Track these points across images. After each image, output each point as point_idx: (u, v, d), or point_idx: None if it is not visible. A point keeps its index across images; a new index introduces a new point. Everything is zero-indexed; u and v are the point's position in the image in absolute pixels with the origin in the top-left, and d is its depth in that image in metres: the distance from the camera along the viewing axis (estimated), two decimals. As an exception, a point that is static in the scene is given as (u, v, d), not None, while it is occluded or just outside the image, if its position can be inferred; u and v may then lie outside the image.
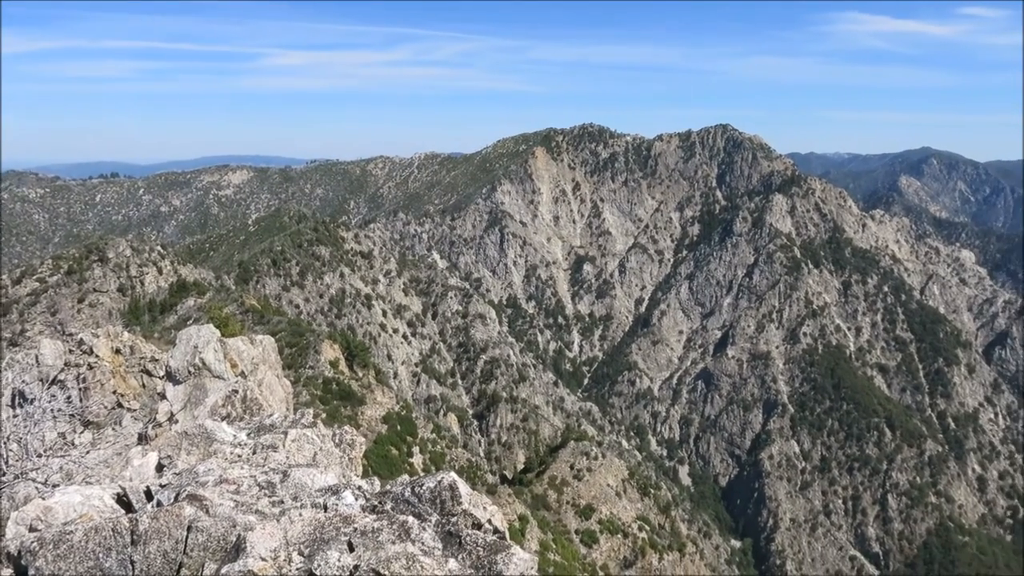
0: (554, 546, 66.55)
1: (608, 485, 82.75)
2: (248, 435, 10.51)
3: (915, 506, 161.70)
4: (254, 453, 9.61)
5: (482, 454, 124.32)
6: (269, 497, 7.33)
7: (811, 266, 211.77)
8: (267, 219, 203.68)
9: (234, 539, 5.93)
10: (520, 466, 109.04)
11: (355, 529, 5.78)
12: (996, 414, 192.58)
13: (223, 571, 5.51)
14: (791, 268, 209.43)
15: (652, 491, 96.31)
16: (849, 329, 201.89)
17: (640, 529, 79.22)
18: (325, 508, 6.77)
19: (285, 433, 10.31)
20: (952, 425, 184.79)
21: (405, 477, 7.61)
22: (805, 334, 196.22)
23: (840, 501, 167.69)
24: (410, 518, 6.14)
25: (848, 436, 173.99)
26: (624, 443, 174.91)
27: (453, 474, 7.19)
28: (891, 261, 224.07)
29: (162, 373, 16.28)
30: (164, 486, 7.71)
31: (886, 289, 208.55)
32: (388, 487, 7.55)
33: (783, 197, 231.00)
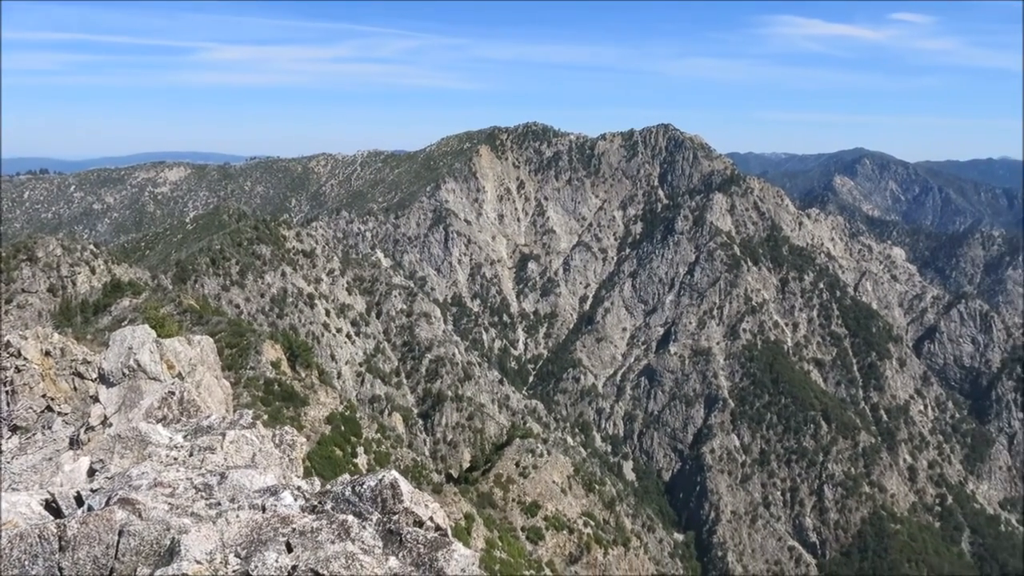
0: (500, 543, 66.67)
1: (553, 482, 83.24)
2: (185, 437, 10.29)
3: (850, 496, 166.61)
4: (191, 455, 9.41)
5: (427, 453, 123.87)
6: (206, 499, 7.19)
7: (750, 264, 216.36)
8: (205, 217, 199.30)
9: (168, 542, 5.81)
10: (466, 464, 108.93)
11: (293, 529, 5.72)
12: (925, 406, 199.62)
13: (157, 575, 5.40)
14: (731, 266, 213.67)
15: (597, 487, 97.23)
16: (787, 325, 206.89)
17: (585, 525, 79.89)
18: (263, 509, 6.67)
19: (223, 435, 10.11)
20: (884, 417, 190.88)
21: (346, 476, 7.54)
22: (745, 330, 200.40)
23: (779, 493, 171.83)
24: (350, 517, 6.10)
25: (786, 429, 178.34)
26: (569, 440, 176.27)
27: (394, 472, 7.16)
28: (826, 258, 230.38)
29: (95, 376, 15.82)
30: (95, 491, 7.49)
31: (822, 286, 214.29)
32: (328, 487, 7.48)
33: (723, 196, 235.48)
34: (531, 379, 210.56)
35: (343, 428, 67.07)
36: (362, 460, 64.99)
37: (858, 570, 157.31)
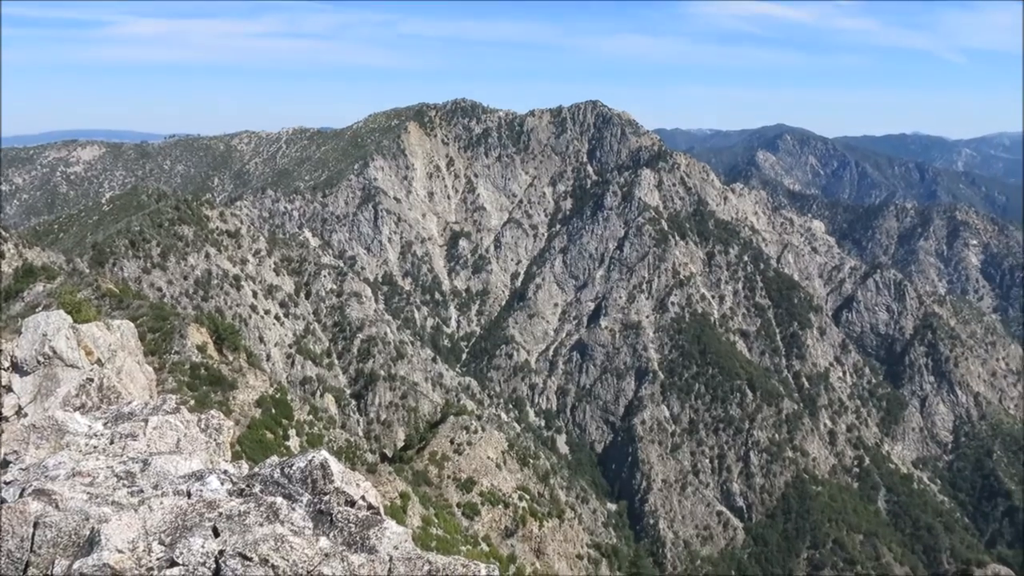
0: (436, 520, 66.94)
1: (488, 458, 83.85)
2: (105, 425, 9.96)
3: (774, 461, 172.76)
4: (111, 443, 9.12)
5: (361, 433, 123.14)
6: (128, 487, 6.99)
7: (678, 238, 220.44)
8: (123, 198, 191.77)
9: (88, 533, 5.62)
10: (400, 443, 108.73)
11: (220, 514, 5.60)
12: (844, 372, 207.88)
13: (75, 566, 5.23)
14: (659, 240, 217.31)
15: (531, 461, 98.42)
16: (713, 297, 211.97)
17: (520, 499, 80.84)
18: (188, 495, 6.52)
19: (145, 421, 9.83)
20: (806, 384, 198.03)
21: (274, 459, 7.43)
22: (673, 303, 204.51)
23: (707, 460, 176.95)
24: (279, 499, 6.01)
25: (714, 399, 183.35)
26: (503, 416, 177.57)
27: (324, 452, 7.09)
28: (750, 232, 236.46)
29: (7, 364, 15.14)
30: (8, 483, 7.20)
31: (746, 259, 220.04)
32: (257, 470, 7.35)
33: (651, 172, 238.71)
34: (464, 356, 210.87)
35: (274, 411, 66.01)
36: (294, 443, 64.17)
37: (782, 531, 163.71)
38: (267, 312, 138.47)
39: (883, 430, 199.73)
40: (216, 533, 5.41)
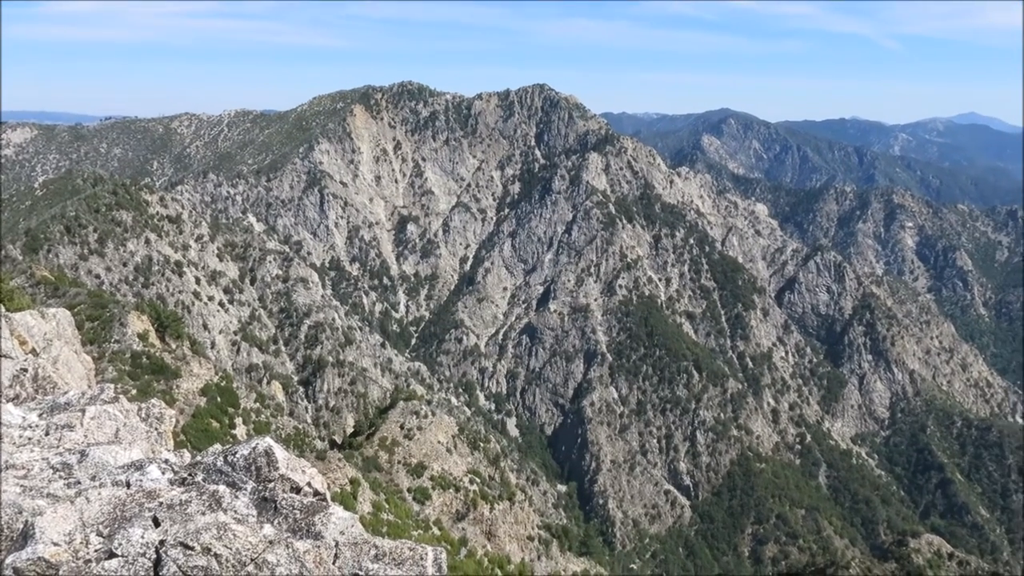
0: (387, 506, 66.75)
1: (439, 442, 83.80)
2: (40, 416, 9.66)
3: (720, 440, 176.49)
4: (47, 434, 8.86)
5: (310, 420, 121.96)
6: (64, 479, 6.81)
7: (625, 221, 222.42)
8: (57, 182, 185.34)
9: (21, 526, 5.46)
10: (350, 430, 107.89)
11: (160, 503, 5.50)
12: (786, 352, 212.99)
13: (9, 561, 5.08)
14: (607, 224, 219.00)
15: (482, 444, 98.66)
16: (660, 280, 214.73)
17: (471, 482, 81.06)
18: (128, 485, 6.38)
19: (83, 411, 9.57)
20: (750, 364, 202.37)
21: (217, 446, 7.30)
22: (621, 286, 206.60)
23: (655, 440, 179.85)
24: (221, 487, 5.92)
25: (661, 380, 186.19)
26: (453, 400, 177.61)
27: (268, 439, 7.00)
28: (696, 215, 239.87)
29: (-66, 355, 14.56)
30: (-63, 477, 6.94)
31: (692, 241, 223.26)
32: (199, 458, 7.23)
33: (598, 156, 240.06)
34: (414, 341, 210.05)
35: (219, 399, 64.94)
36: (241, 431, 63.26)
37: (728, 508, 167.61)
38: (211, 299, 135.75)
39: (823, 408, 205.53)
40: (156, 523, 5.31)
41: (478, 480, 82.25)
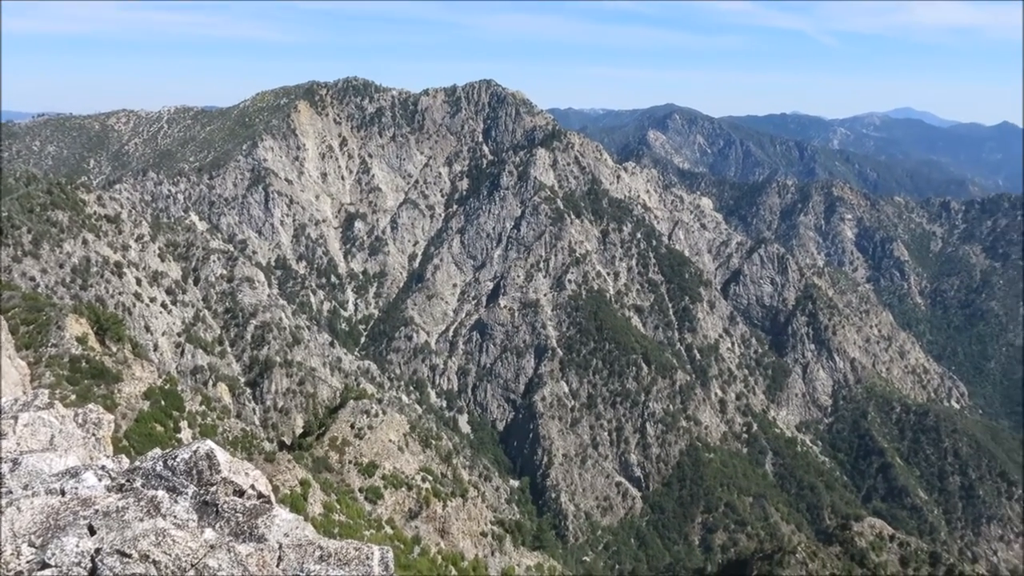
0: (338, 506, 66.07)
1: (390, 441, 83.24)
2: (-31, 424, 9.31)
3: (669, 431, 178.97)
4: (-23, 443, 8.54)
5: (258, 422, 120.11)
6: (-5, 489, 6.57)
7: (573, 216, 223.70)
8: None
9: (-53, 539, 5.25)
10: (299, 431, 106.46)
11: (96, 511, 5.35)
12: (733, 343, 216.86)
13: (-66, 575, 4.89)
14: (555, 219, 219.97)
15: (433, 442, 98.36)
16: (608, 274, 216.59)
17: (423, 480, 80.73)
18: (62, 493, 6.19)
19: (15, 418, 9.26)
20: (698, 356, 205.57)
21: (157, 451, 7.13)
22: (570, 281, 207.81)
23: (606, 433, 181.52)
24: (160, 492, 5.79)
25: (611, 373, 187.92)
26: (404, 398, 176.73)
27: (210, 442, 6.86)
28: (643, 210, 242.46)
29: None
30: None
31: (639, 236, 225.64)
32: (138, 463, 7.05)
33: (545, 151, 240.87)
34: (363, 340, 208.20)
35: (163, 403, 63.39)
36: (186, 434, 61.89)
37: (678, 498, 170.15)
38: (153, 300, 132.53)
39: (769, 397, 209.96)
40: (92, 531, 5.16)
41: (430, 478, 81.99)
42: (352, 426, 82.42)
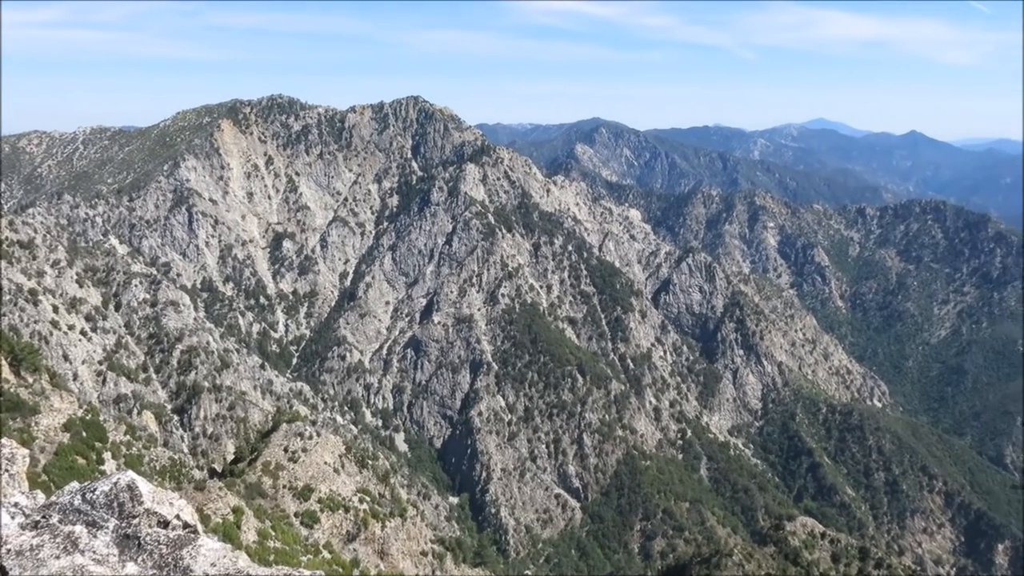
0: (273, 533, 64.41)
1: (325, 463, 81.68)
2: None
3: (606, 441, 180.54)
4: None
5: (186, 450, 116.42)
6: None
7: (504, 231, 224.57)
8: None
9: None
10: (231, 457, 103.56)
11: (8, 550, 5.08)
12: (665, 351, 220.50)
13: None
14: (487, 234, 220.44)
15: (370, 462, 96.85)
16: (541, 287, 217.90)
17: (361, 501, 79.43)
18: (-29, 534, 5.86)
19: (-81, 457, 8.74)
20: (631, 365, 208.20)
21: (75, 484, 6.82)
22: (503, 295, 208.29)
23: (543, 446, 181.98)
24: (78, 527, 5.54)
25: (547, 385, 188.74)
26: (339, 419, 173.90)
27: (131, 473, 6.61)
28: (573, 222, 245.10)
29: None
30: None
31: (570, 248, 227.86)
32: (54, 498, 6.74)
33: (475, 167, 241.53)
34: (295, 361, 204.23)
35: (84, 434, 60.79)
36: (110, 466, 59.48)
37: (616, 507, 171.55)
38: (71, 327, 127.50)
39: (701, 403, 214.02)
40: (4, 572, 4.91)
41: (368, 499, 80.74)
42: (286, 450, 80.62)
